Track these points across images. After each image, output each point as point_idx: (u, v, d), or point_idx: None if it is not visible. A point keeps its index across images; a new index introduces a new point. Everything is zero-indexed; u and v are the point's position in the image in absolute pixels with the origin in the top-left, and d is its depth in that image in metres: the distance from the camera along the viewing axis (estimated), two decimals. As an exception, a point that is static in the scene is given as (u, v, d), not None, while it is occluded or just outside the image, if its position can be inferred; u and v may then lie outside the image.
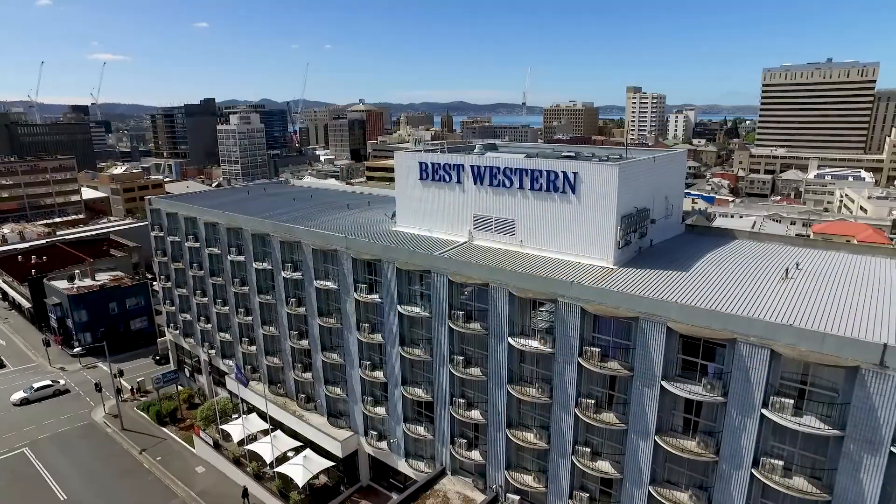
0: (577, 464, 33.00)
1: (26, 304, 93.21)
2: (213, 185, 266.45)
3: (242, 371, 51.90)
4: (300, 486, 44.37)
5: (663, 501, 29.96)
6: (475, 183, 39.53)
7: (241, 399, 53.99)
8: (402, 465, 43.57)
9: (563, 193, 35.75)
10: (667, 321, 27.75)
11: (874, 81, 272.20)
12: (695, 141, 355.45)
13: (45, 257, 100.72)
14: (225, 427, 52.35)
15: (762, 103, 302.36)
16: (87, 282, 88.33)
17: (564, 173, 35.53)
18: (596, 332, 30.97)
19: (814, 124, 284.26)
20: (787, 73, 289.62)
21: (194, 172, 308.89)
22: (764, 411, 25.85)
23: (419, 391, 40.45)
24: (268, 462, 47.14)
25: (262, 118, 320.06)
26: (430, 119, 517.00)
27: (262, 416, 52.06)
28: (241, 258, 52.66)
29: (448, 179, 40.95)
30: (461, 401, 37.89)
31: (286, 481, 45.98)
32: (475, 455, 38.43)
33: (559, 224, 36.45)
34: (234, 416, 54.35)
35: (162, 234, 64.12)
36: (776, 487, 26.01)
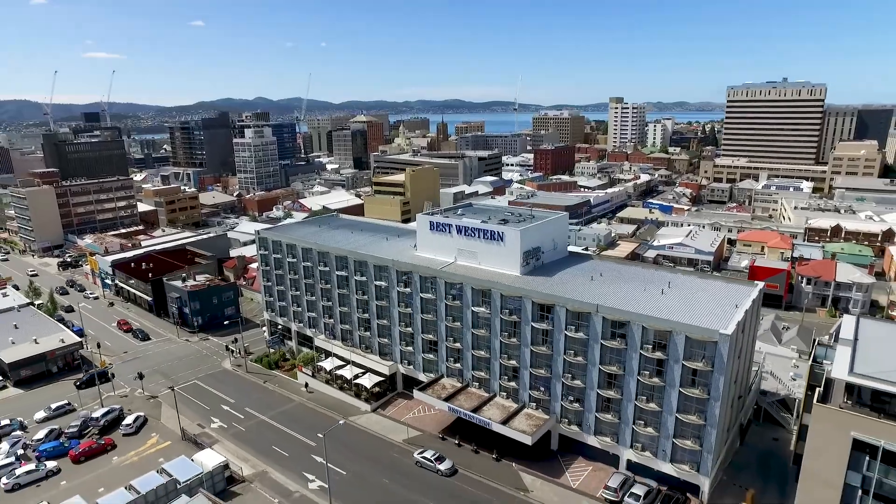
0: (502, 363, 77.15)
1: (147, 297, 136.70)
2: (234, 194, 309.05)
3: (331, 331, 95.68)
4: (368, 387, 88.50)
5: (535, 374, 74.08)
6: (457, 233, 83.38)
7: (331, 351, 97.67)
8: (421, 376, 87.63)
9: (498, 241, 79.62)
10: (531, 297, 71.76)
11: (822, 100, 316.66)
12: (671, 149, 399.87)
13: (151, 264, 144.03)
14: (320, 363, 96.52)
15: (726, 117, 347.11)
16: (191, 282, 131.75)
17: (498, 231, 79.41)
18: (507, 304, 74.88)
19: (772, 137, 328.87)
20: (748, 90, 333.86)
21: (211, 180, 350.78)
22: (566, 332, 69.85)
23: (430, 336, 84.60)
24: (349, 378, 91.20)
25: (272, 131, 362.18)
26: (425, 124, 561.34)
27: (339, 358, 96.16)
28: (326, 269, 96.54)
29: (444, 231, 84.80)
30: (451, 339, 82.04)
31: (359, 388, 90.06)
32: (457, 365, 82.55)
33: (496, 254, 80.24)
34: (322, 357, 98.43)
35: (266, 252, 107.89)
36: (571, 361, 70.17)
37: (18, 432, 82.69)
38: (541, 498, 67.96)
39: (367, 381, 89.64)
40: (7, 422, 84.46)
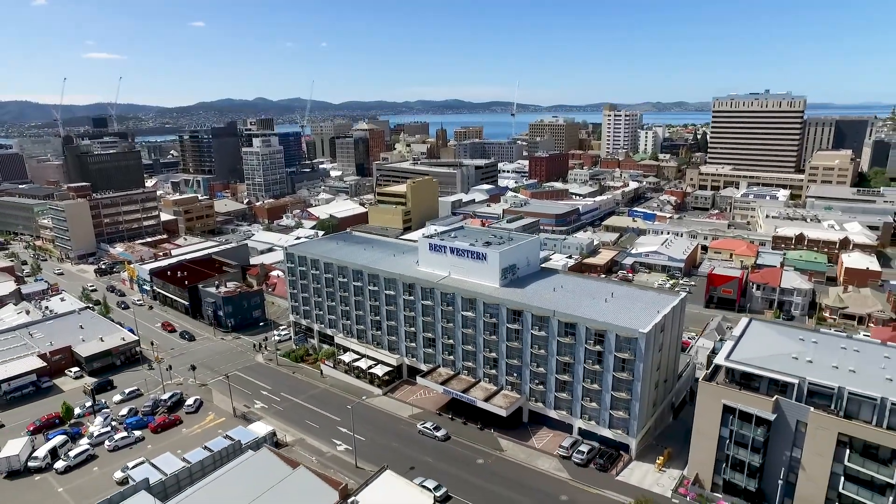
0: (485, 355, 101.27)
1: (183, 301, 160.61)
2: (244, 201, 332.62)
3: (349, 331, 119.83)
4: (379, 376, 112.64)
5: (509, 363, 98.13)
6: (450, 253, 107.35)
7: (348, 347, 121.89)
8: (422, 366, 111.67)
9: (482, 259, 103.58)
10: (507, 304, 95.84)
11: (802, 112, 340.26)
12: (661, 155, 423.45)
13: (185, 272, 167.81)
14: (340, 357, 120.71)
15: (712, 127, 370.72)
16: (224, 288, 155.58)
17: (482, 252, 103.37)
18: (488, 309, 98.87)
19: (754, 146, 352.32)
20: (732, 101, 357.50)
21: (220, 187, 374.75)
22: (532, 331, 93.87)
23: (429, 334, 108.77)
24: (364, 369, 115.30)
25: (278, 140, 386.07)
26: (425, 128, 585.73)
27: (355, 352, 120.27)
28: (345, 280, 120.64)
29: (440, 251, 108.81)
30: (445, 336, 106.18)
31: (372, 376, 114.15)
32: (451, 357, 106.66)
33: (481, 270, 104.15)
34: (341, 352, 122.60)
35: (293, 265, 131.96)
36: (536, 353, 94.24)
37: (106, 410, 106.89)
38: (512, 456, 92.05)
39: (379, 370, 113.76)
40: (96, 402, 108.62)
